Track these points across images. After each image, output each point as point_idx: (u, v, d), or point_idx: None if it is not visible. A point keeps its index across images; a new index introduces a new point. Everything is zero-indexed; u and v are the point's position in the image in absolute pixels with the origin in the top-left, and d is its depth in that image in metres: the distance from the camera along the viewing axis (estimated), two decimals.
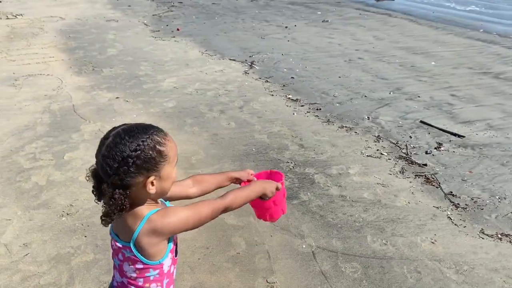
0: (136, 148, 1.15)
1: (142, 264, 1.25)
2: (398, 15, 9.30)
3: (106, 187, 1.14)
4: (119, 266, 1.32)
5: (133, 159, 1.14)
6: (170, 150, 1.21)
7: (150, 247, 1.22)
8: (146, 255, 1.23)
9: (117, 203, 1.14)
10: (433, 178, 3.22)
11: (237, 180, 1.59)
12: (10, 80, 5.23)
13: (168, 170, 1.22)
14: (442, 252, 2.49)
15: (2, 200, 2.93)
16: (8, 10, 9.38)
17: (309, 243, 2.56)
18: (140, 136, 1.16)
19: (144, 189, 1.18)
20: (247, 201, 1.41)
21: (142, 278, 1.27)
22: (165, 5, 10.54)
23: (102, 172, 1.16)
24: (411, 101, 4.71)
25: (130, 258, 1.25)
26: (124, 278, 1.30)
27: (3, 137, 3.80)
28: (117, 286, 1.34)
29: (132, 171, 1.15)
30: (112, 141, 1.16)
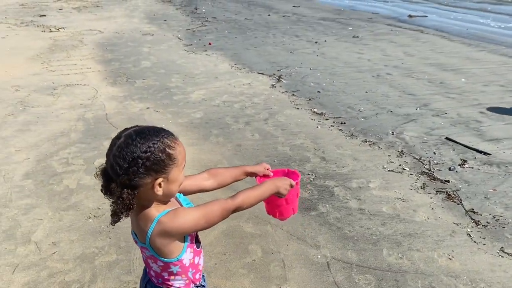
0: (147, 150, 1.19)
1: (162, 262, 1.33)
2: (430, 32, 9.22)
3: (115, 187, 1.19)
4: (146, 262, 1.42)
5: (143, 160, 1.18)
6: (179, 154, 1.26)
7: (164, 247, 1.29)
8: (162, 254, 1.30)
9: (124, 202, 1.19)
10: (455, 195, 3.19)
11: (252, 174, 1.60)
12: (50, 89, 5.53)
13: (176, 173, 1.26)
14: (459, 268, 2.47)
15: (35, 201, 3.11)
16: (51, 24, 9.89)
17: (324, 253, 2.59)
18: (151, 139, 1.21)
19: (152, 190, 1.23)
20: (259, 201, 1.42)
21: (166, 272, 1.37)
22: (199, 20, 10.84)
23: (112, 172, 1.21)
24: (438, 117, 4.67)
25: (151, 257, 1.35)
26: (152, 271, 1.41)
27: (40, 143, 4.03)
28: (150, 276, 1.44)
29: (141, 172, 1.19)
30: (124, 141, 1.20)
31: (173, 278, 1.38)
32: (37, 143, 4.02)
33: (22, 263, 2.50)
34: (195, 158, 3.74)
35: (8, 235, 2.74)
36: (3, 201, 3.10)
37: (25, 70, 6.33)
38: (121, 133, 1.24)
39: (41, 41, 8.21)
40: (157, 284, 1.41)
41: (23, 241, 2.68)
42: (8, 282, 2.36)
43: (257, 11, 12.15)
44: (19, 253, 2.58)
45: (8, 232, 2.77)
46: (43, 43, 8.06)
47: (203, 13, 11.76)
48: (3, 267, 2.47)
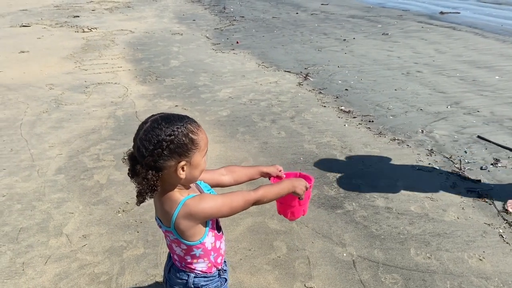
0: (171, 133, 1.25)
1: (185, 245, 1.39)
2: (463, 28, 8.97)
3: (140, 168, 1.26)
4: (169, 247, 1.48)
5: (167, 143, 1.24)
6: (201, 140, 1.32)
7: (188, 229, 1.35)
8: (186, 236, 1.37)
9: (149, 183, 1.26)
10: (487, 194, 3.09)
11: (267, 175, 1.68)
12: (82, 87, 5.68)
13: (198, 159, 1.33)
14: (490, 269, 2.40)
15: (67, 195, 3.21)
16: (84, 24, 10.16)
17: (350, 251, 2.57)
18: (176, 123, 1.28)
19: (175, 174, 1.30)
20: (277, 197, 1.49)
21: (189, 255, 1.43)
22: (227, 19, 10.90)
23: (138, 154, 1.27)
24: (470, 115, 4.54)
25: (175, 241, 1.40)
26: (175, 255, 1.47)
27: (72, 139, 4.15)
28: (174, 261, 1.50)
29: (165, 154, 1.25)
30: (150, 125, 1.27)
31: (196, 261, 1.43)
32: (69, 140, 4.14)
33: (54, 254, 2.58)
34: (221, 155, 3.77)
35: (41, 227, 2.84)
36: (37, 195, 3.21)
37: (59, 69, 6.53)
38: (148, 118, 1.31)
39: (74, 41, 8.45)
40: (180, 267, 1.47)
41: (55, 234, 2.77)
42: (40, 272, 2.44)
43: (285, 9, 12.11)
44: (51, 245, 2.67)
45: (41, 224, 2.87)
46: (76, 43, 8.28)
47: (231, 12, 11.83)
48: (36, 258, 2.56)
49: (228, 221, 2.78)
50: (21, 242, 2.70)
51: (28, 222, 2.90)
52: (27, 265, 2.50)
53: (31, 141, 4.12)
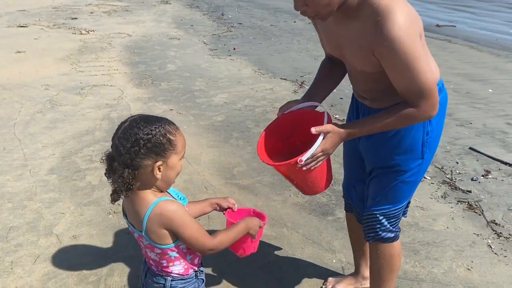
0: (149, 132, 1.28)
1: (159, 249, 1.38)
2: (458, 41, 9.07)
3: (117, 165, 1.28)
4: (144, 253, 1.47)
5: (144, 141, 1.27)
6: (179, 142, 1.35)
7: (160, 232, 1.34)
8: (159, 240, 1.36)
9: (125, 181, 1.27)
10: (477, 205, 3.12)
11: (218, 206, 1.66)
12: (77, 89, 5.68)
13: (175, 160, 1.35)
14: (477, 279, 2.42)
15: (58, 195, 3.20)
16: (82, 26, 10.17)
17: (340, 258, 2.58)
18: (154, 123, 1.31)
19: (151, 174, 1.31)
20: (233, 242, 1.49)
21: (164, 259, 1.41)
22: (225, 25, 10.96)
23: (116, 152, 1.30)
24: (462, 127, 4.59)
25: (148, 246, 1.40)
26: (151, 260, 1.45)
27: (65, 140, 4.14)
28: (149, 265, 1.49)
29: (142, 153, 1.28)
30: (129, 125, 1.31)
31: (172, 264, 1.42)
32: (63, 140, 4.13)
33: (43, 254, 2.58)
34: (215, 159, 3.78)
35: (31, 226, 2.83)
36: (28, 194, 3.20)
37: (55, 70, 6.53)
38: (127, 118, 1.34)
39: (71, 42, 8.45)
40: (156, 272, 1.46)
41: (45, 233, 2.77)
42: (29, 271, 2.43)
43: (282, 17, 12.19)
44: (40, 245, 2.66)
45: (31, 224, 2.86)
46: (73, 44, 8.29)
47: (229, 19, 11.89)
48: (25, 257, 2.55)
49: (219, 225, 2.78)
50: (11, 241, 2.69)
51: (18, 221, 2.89)
52: (16, 264, 2.49)
53: (24, 140, 4.11)
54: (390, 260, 1.93)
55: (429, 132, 1.71)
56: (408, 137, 1.71)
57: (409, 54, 1.42)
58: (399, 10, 1.41)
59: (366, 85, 1.77)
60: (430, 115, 1.55)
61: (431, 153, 1.79)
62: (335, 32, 1.64)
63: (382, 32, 1.41)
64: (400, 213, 1.90)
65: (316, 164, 1.60)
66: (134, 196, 1.34)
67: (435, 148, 1.80)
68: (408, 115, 1.54)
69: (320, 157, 1.59)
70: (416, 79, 1.46)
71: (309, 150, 1.55)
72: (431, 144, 1.75)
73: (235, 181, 3.44)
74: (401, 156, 1.75)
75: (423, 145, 1.72)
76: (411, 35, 1.42)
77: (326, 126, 1.59)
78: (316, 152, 1.57)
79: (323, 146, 1.57)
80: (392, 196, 1.83)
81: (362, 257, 2.29)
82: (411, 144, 1.72)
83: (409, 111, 1.53)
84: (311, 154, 1.56)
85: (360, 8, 1.49)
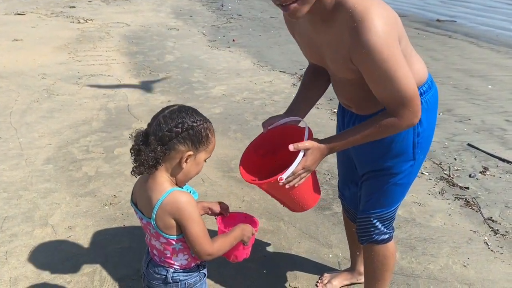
0: (194, 121, 1.34)
1: (164, 239, 1.38)
2: (458, 37, 9.03)
3: (153, 140, 1.30)
4: (148, 242, 1.47)
5: (187, 126, 1.32)
6: (212, 143, 1.41)
7: (169, 222, 1.34)
8: (166, 229, 1.36)
9: (155, 156, 1.30)
10: (474, 202, 3.12)
11: (210, 210, 1.64)
12: (75, 78, 5.64)
13: (203, 158, 1.40)
14: (473, 276, 2.42)
15: (54, 185, 3.18)
16: (80, 15, 10.08)
17: (336, 253, 2.57)
18: (201, 116, 1.38)
19: (178, 162, 1.34)
20: (230, 248, 1.47)
21: (169, 250, 1.41)
22: (224, 17, 10.88)
23: (157, 128, 1.32)
24: (461, 123, 4.58)
25: (154, 234, 1.39)
26: (154, 250, 1.45)
27: (62, 130, 4.11)
28: (152, 256, 1.48)
29: (181, 136, 1.31)
30: (178, 108, 1.36)
31: (175, 256, 1.42)
32: (60, 130, 4.10)
33: (38, 245, 2.56)
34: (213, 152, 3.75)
35: (26, 217, 2.81)
36: (24, 184, 3.18)
37: (52, 59, 6.47)
38: (176, 104, 1.40)
39: (69, 31, 8.38)
40: (159, 262, 1.45)
41: (41, 224, 2.75)
42: (24, 262, 2.42)
43: None
44: (36, 235, 2.64)
45: (26, 214, 2.84)
46: (71, 33, 8.22)
47: (229, 10, 11.81)
48: (20, 247, 2.53)
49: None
50: (5, 231, 2.67)
51: (14, 211, 2.87)
52: (11, 254, 2.48)
53: (20, 130, 4.08)
54: (384, 261, 1.92)
55: (420, 133, 1.67)
56: (398, 141, 1.66)
57: (387, 62, 1.35)
58: (376, 14, 1.34)
59: (349, 93, 1.71)
60: (412, 123, 1.49)
61: (423, 153, 1.75)
62: (314, 38, 1.58)
63: (359, 39, 1.35)
64: (394, 215, 1.87)
65: (299, 181, 1.56)
66: (151, 180, 1.35)
67: (427, 148, 1.77)
68: (389, 125, 1.49)
69: (301, 174, 1.55)
70: (395, 88, 1.40)
71: (289, 168, 1.51)
72: (423, 145, 1.71)
73: (233, 174, 3.42)
74: (392, 159, 1.71)
75: (414, 146, 1.68)
76: (390, 41, 1.36)
77: (304, 143, 1.54)
78: (296, 170, 1.52)
79: (304, 164, 1.53)
80: (385, 199, 1.81)
81: (358, 253, 2.29)
82: (402, 147, 1.68)
83: (390, 120, 1.47)
84: (291, 172, 1.51)
85: (335, 12, 1.42)
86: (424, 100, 1.63)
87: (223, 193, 3.15)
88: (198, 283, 1.51)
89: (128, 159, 3.60)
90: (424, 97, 1.64)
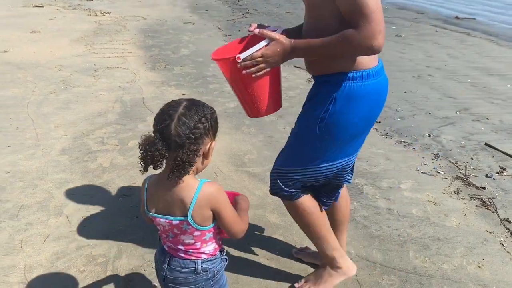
0: (211, 111, 1.37)
1: (199, 231, 1.39)
2: (477, 35, 8.87)
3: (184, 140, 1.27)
4: (173, 238, 1.43)
5: (209, 118, 1.34)
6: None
7: (204, 214, 1.36)
8: (201, 222, 1.37)
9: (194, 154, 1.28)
10: (490, 202, 3.07)
11: None
12: (91, 70, 5.68)
13: (213, 147, 1.40)
14: (488, 277, 2.38)
15: (69, 176, 3.22)
16: (98, 8, 10.16)
17: (349, 250, 2.55)
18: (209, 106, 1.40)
19: (203, 155, 1.36)
20: None
21: (200, 241, 1.42)
22: (240, 11, 10.86)
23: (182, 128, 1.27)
24: (478, 122, 4.50)
25: (186, 231, 1.38)
26: (180, 245, 1.43)
27: (78, 121, 4.15)
28: (174, 254, 1.46)
29: (207, 128, 1.32)
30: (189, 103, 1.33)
31: (205, 245, 1.44)
32: (75, 121, 4.14)
33: (52, 233, 2.59)
34: (226, 146, 3.76)
35: (41, 206, 2.85)
36: (40, 174, 3.22)
37: (69, 51, 6.53)
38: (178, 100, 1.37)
39: (86, 24, 8.45)
40: (184, 257, 1.44)
41: (55, 213, 2.78)
42: (38, 250, 2.45)
43: (299, 4, 12.03)
44: (50, 224, 2.67)
45: (42, 203, 2.88)
46: (88, 26, 8.29)
47: (244, 4, 11.77)
48: (35, 236, 2.57)
49: None
50: (21, 220, 2.71)
51: (29, 200, 2.91)
52: (26, 242, 2.51)
53: (37, 120, 4.13)
54: (296, 217, 2.04)
55: (330, 112, 1.71)
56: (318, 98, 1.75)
57: None
58: None
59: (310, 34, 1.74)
60: (370, 42, 1.50)
61: (331, 140, 1.77)
62: None
63: None
64: (293, 177, 1.90)
65: (256, 71, 1.61)
66: (175, 182, 1.32)
67: (338, 137, 1.78)
68: (348, 36, 1.52)
69: (260, 63, 1.60)
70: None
71: (248, 50, 1.55)
72: (330, 128, 1.74)
73: (246, 168, 3.42)
74: (302, 120, 1.84)
75: (320, 121, 1.73)
76: None
77: (271, 33, 1.62)
78: (255, 55, 1.57)
79: (264, 51, 1.58)
80: (284, 154, 1.95)
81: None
82: (312, 115, 1.76)
83: (349, 31, 1.51)
84: (249, 55, 1.56)
85: None
86: (349, 86, 1.68)
87: (235, 187, 3.15)
88: (222, 269, 1.55)
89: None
90: (351, 83, 1.69)
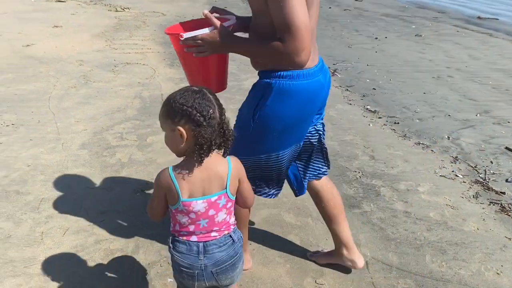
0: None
1: (231, 202, 1.51)
2: (500, 35, 8.71)
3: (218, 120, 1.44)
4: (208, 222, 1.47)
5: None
6: None
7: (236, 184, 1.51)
8: (233, 193, 1.50)
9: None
10: (510, 208, 3.02)
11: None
12: (111, 66, 5.75)
13: None
14: (507, 284, 2.34)
15: (89, 170, 3.27)
16: (118, 4, 10.26)
17: (364, 252, 2.54)
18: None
19: None
20: None
21: (229, 214, 1.54)
22: None
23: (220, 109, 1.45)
24: (499, 125, 4.42)
25: (223, 206, 1.48)
26: (215, 226, 1.49)
27: (97, 116, 4.21)
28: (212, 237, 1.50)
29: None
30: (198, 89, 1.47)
31: (232, 216, 1.55)
32: (95, 116, 4.20)
33: (72, 227, 2.64)
34: None
35: (61, 199, 2.90)
36: (60, 168, 3.28)
37: (90, 46, 6.62)
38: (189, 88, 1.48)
39: (107, 19, 8.55)
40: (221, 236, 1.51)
41: (75, 207, 2.83)
42: (58, 243, 2.50)
43: None
44: (70, 218, 2.72)
45: (62, 197, 2.93)
46: (108, 21, 8.38)
47: None
48: (55, 229, 2.62)
49: None
50: (42, 212, 2.77)
51: (50, 193, 2.96)
52: (46, 235, 2.57)
53: (58, 114, 4.20)
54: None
55: (261, 106, 1.79)
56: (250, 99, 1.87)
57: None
58: None
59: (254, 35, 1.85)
60: (292, 58, 1.60)
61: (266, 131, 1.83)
62: None
63: None
64: None
65: (196, 52, 1.76)
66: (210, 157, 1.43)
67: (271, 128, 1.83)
68: (275, 47, 1.60)
69: (200, 45, 1.73)
70: (286, 14, 1.52)
71: (192, 32, 1.72)
72: (263, 120, 1.81)
73: None
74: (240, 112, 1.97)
75: (254, 113, 1.82)
76: None
77: (217, 21, 1.74)
78: (196, 38, 1.72)
79: (204, 35, 1.72)
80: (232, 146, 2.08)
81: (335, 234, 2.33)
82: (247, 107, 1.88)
83: (277, 44, 1.59)
84: (191, 36, 1.72)
85: None
86: (278, 83, 1.74)
87: None
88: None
89: (160, 147, 3.64)
90: (280, 80, 1.74)
